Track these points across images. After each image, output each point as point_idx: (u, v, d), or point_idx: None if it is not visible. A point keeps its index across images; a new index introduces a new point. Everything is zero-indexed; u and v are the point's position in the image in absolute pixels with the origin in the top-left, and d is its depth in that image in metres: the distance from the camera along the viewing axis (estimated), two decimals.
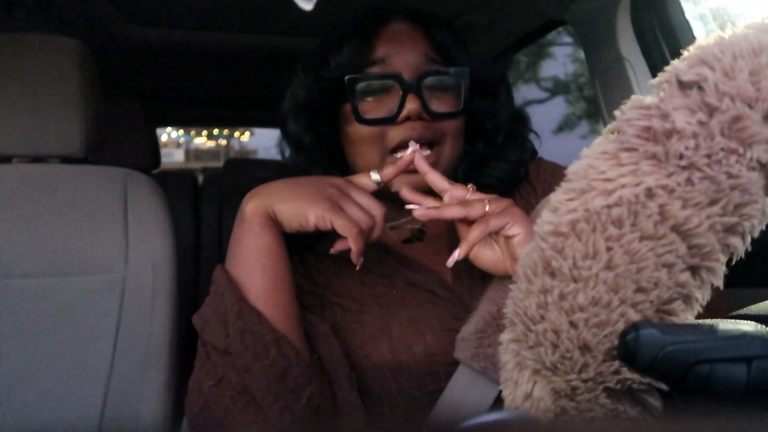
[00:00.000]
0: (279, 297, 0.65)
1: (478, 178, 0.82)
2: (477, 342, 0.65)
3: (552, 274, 0.28)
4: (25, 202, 0.98)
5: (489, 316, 0.66)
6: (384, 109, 0.74)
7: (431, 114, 0.73)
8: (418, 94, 0.72)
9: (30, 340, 0.93)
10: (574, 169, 0.29)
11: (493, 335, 0.65)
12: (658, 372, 0.26)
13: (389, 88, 0.74)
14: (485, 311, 0.67)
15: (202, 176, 2.66)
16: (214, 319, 0.64)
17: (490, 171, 0.82)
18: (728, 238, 0.26)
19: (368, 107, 0.75)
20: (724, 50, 0.27)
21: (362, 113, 0.74)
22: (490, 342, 0.65)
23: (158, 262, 1.00)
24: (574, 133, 8.75)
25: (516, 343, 0.30)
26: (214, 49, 1.76)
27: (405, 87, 0.72)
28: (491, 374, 0.65)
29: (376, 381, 0.69)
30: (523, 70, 8.52)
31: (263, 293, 0.64)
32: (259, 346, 0.61)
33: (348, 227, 0.63)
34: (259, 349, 0.61)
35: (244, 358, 0.61)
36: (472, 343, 0.66)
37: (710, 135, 0.26)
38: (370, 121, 0.74)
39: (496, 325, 0.65)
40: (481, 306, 0.68)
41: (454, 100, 0.76)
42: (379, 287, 0.75)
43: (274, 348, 0.62)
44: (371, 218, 0.65)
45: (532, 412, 0.29)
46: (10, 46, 0.99)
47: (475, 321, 0.67)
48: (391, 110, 0.73)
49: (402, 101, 0.72)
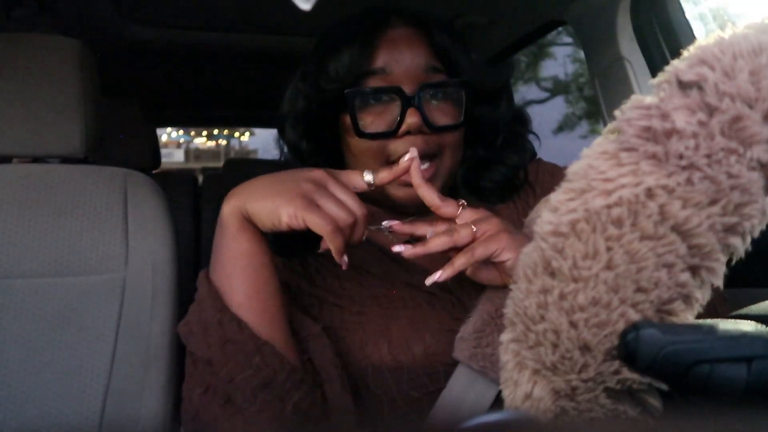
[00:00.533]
0: (262, 302, 0.64)
1: (477, 181, 0.82)
2: (475, 342, 0.65)
3: (552, 274, 0.28)
4: (25, 202, 0.98)
5: (487, 315, 0.66)
6: (384, 123, 0.73)
7: (431, 127, 0.72)
8: (419, 107, 0.71)
9: (30, 340, 0.93)
10: (574, 169, 0.29)
11: (491, 335, 0.65)
12: (658, 372, 0.26)
13: (389, 101, 0.73)
14: (483, 311, 0.67)
15: (202, 176, 2.66)
16: (197, 329, 0.63)
17: (490, 174, 0.82)
18: (728, 237, 0.26)
19: (368, 120, 0.74)
20: (724, 50, 0.27)
21: (362, 127, 0.73)
22: (488, 342, 0.65)
23: (158, 262, 1.00)
24: (574, 133, 8.77)
25: (516, 343, 0.30)
26: (214, 49, 1.76)
27: (405, 101, 0.71)
28: (490, 374, 0.65)
29: (375, 382, 0.69)
30: (523, 70, 8.52)
31: (245, 299, 0.63)
32: (241, 355, 0.60)
33: (322, 225, 0.58)
34: (241, 358, 0.60)
35: (227, 368, 0.61)
36: (471, 342, 0.66)
37: (710, 135, 0.26)
38: (369, 135, 0.73)
39: (494, 325, 0.65)
40: (480, 306, 0.68)
41: (455, 111, 0.75)
42: (379, 288, 0.75)
43: (257, 356, 0.60)
44: (351, 215, 0.61)
45: (532, 412, 0.29)
46: (10, 46, 0.99)
47: (473, 321, 0.67)
48: (391, 124, 0.72)
49: (402, 115, 0.71)
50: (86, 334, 0.94)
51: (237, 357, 0.60)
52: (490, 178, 0.82)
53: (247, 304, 0.63)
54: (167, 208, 1.05)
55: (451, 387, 0.67)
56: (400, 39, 0.76)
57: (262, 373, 0.60)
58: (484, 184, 0.82)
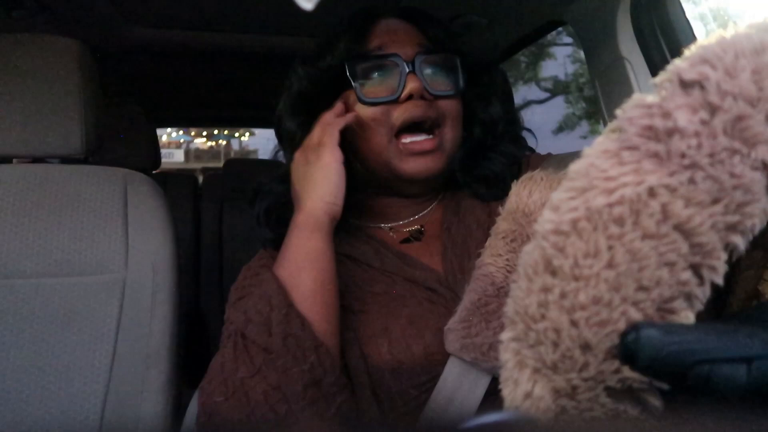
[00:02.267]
0: (325, 296, 0.67)
1: (474, 168, 0.83)
2: (464, 332, 0.66)
3: (553, 272, 0.28)
4: (25, 202, 0.98)
5: (471, 305, 0.68)
6: (386, 90, 0.77)
7: (432, 94, 0.76)
8: (418, 73, 0.75)
9: (30, 340, 0.93)
10: (575, 168, 0.29)
11: (479, 324, 0.66)
12: (658, 373, 0.26)
13: (389, 71, 0.77)
14: (467, 301, 0.69)
15: (202, 176, 2.66)
16: (258, 319, 0.65)
17: (488, 163, 0.84)
18: (729, 236, 0.26)
19: (369, 90, 0.77)
20: (726, 49, 0.27)
21: (365, 95, 0.77)
22: (477, 331, 0.66)
23: (158, 262, 1.00)
24: (575, 134, 8.77)
25: (516, 341, 0.30)
26: (215, 49, 1.76)
27: (404, 68, 0.75)
28: (482, 365, 0.66)
29: (375, 381, 0.69)
30: (523, 71, 8.53)
31: (311, 293, 0.66)
32: (300, 350, 0.63)
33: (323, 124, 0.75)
34: (299, 353, 0.63)
35: (284, 359, 0.63)
36: (459, 333, 0.67)
37: (712, 134, 0.26)
38: (373, 102, 0.76)
39: (479, 314, 0.66)
40: (465, 297, 0.70)
41: (451, 82, 0.79)
42: (380, 285, 0.75)
43: (313, 354, 0.63)
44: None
45: (532, 411, 0.29)
46: (10, 46, 0.99)
47: (459, 311, 0.69)
48: (393, 90, 0.76)
49: (403, 81, 0.75)
50: (86, 334, 0.94)
51: (296, 351, 0.63)
52: (489, 167, 0.83)
53: (312, 297, 0.66)
54: (167, 208, 1.05)
55: (444, 379, 0.68)
56: (394, 27, 0.80)
57: (315, 370, 0.63)
58: (482, 173, 0.83)
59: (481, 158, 0.84)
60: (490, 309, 0.67)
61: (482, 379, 0.67)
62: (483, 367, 0.66)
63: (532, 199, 0.72)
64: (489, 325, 0.66)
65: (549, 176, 0.74)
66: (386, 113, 0.76)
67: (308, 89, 0.82)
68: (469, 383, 0.67)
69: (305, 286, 0.67)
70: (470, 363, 0.66)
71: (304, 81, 0.82)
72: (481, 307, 0.67)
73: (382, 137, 0.77)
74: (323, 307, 0.67)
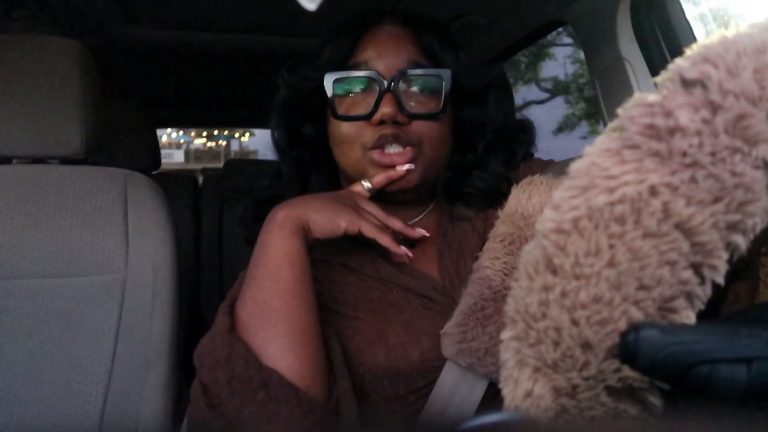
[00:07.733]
0: (304, 290, 0.67)
1: (458, 187, 0.82)
2: (460, 336, 0.66)
3: (554, 271, 0.28)
4: (25, 203, 0.98)
5: (467, 309, 0.67)
6: (362, 108, 0.75)
7: (407, 114, 0.74)
8: (395, 92, 0.73)
9: (30, 340, 0.93)
10: (576, 167, 0.29)
11: (475, 329, 0.66)
12: (659, 373, 0.26)
13: (368, 88, 0.75)
14: (464, 305, 0.68)
15: (202, 177, 2.65)
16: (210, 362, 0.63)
17: (471, 180, 0.82)
18: (730, 235, 0.26)
19: (346, 105, 0.76)
20: (728, 48, 0.27)
21: (339, 110, 0.76)
22: (473, 336, 0.66)
23: (158, 262, 1.00)
24: (575, 134, 8.78)
25: (517, 340, 0.30)
26: (214, 49, 1.76)
27: (381, 86, 0.73)
28: (478, 370, 0.66)
29: (372, 386, 0.69)
30: (523, 71, 8.53)
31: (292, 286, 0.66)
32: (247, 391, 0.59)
33: (372, 228, 0.70)
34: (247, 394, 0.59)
35: (232, 404, 0.59)
36: (456, 337, 0.66)
37: (714, 133, 0.26)
38: (345, 118, 0.76)
39: (476, 318, 0.66)
40: (461, 301, 0.69)
41: (434, 102, 0.76)
42: (375, 292, 0.75)
43: (261, 392, 0.59)
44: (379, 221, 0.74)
45: (533, 410, 0.29)
46: (10, 46, 0.99)
47: (455, 316, 0.68)
48: (368, 108, 0.75)
49: (378, 101, 0.73)
50: (86, 335, 0.94)
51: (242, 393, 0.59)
52: (471, 184, 0.82)
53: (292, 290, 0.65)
54: (167, 209, 1.05)
55: (442, 383, 0.68)
56: (385, 36, 0.78)
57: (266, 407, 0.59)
58: (465, 190, 0.82)
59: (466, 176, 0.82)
60: (486, 313, 0.66)
61: (479, 383, 0.67)
62: (480, 372, 0.66)
63: (531, 202, 0.72)
64: (485, 330, 0.65)
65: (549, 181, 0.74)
66: (360, 130, 0.76)
67: (290, 98, 0.82)
68: (466, 388, 0.67)
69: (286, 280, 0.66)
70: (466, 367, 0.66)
71: (285, 90, 0.82)
72: (478, 311, 0.67)
73: (356, 152, 0.77)
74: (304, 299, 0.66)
